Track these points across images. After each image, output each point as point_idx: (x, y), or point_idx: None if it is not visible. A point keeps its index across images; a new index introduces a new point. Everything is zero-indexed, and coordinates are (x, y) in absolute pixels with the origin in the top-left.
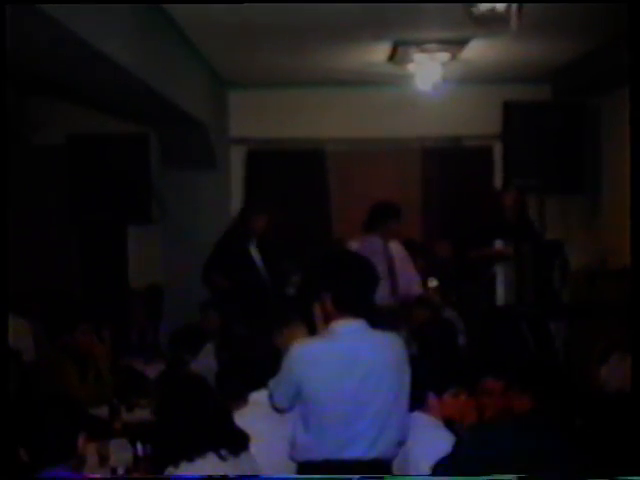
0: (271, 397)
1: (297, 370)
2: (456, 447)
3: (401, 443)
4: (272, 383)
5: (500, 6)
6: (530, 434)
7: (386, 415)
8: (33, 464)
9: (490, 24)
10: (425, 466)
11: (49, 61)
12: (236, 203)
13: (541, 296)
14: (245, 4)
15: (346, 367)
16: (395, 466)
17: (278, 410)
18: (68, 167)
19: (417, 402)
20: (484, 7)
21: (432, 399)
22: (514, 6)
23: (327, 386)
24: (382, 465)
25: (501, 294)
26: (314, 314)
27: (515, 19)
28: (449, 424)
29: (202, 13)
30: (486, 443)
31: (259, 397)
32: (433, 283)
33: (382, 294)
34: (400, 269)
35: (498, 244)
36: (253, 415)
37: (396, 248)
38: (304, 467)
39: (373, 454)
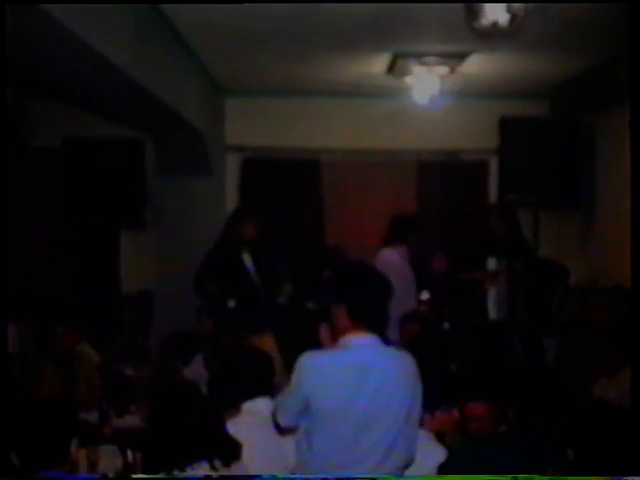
0: (275, 415)
1: (307, 382)
2: (448, 463)
3: (408, 465)
4: (278, 399)
5: (502, 20)
6: (517, 450)
7: (394, 435)
8: (25, 469)
9: (492, 38)
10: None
11: (48, 62)
12: (231, 210)
13: (533, 313)
14: (244, 11)
15: (358, 382)
16: None
17: (281, 430)
18: (63, 170)
19: None
20: (486, 21)
21: (425, 417)
22: (520, 13)
23: (337, 401)
24: None
25: (493, 309)
26: (320, 332)
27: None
28: (439, 438)
29: (202, 19)
30: (477, 459)
31: (252, 406)
32: (425, 296)
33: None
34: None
35: (491, 261)
36: (246, 424)
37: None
38: None
39: (377, 474)
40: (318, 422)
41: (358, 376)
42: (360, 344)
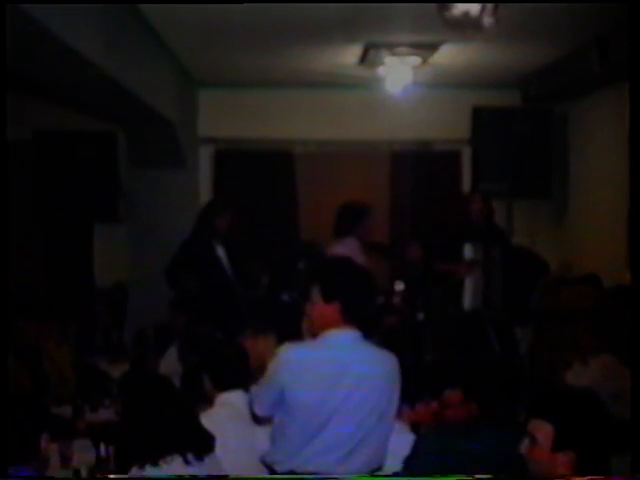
0: (252, 403)
1: (283, 374)
2: (413, 453)
3: (377, 469)
4: (254, 388)
5: (473, 10)
6: (486, 440)
7: (364, 434)
8: None
9: (463, 28)
10: (389, 471)
11: (18, 55)
12: (204, 202)
13: (509, 303)
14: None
15: (334, 378)
16: None
17: (257, 419)
18: (34, 163)
19: None
20: (457, 11)
21: (404, 409)
22: (488, 8)
23: (311, 394)
24: None
25: (468, 299)
26: (301, 323)
27: (489, 22)
28: (415, 428)
29: (173, 11)
30: (441, 448)
31: (227, 398)
32: (400, 286)
33: None
34: None
35: (467, 249)
36: (220, 416)
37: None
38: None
39: (341, 470)
40: (290, 413)
41: (335, 371)
42: (341, 339)
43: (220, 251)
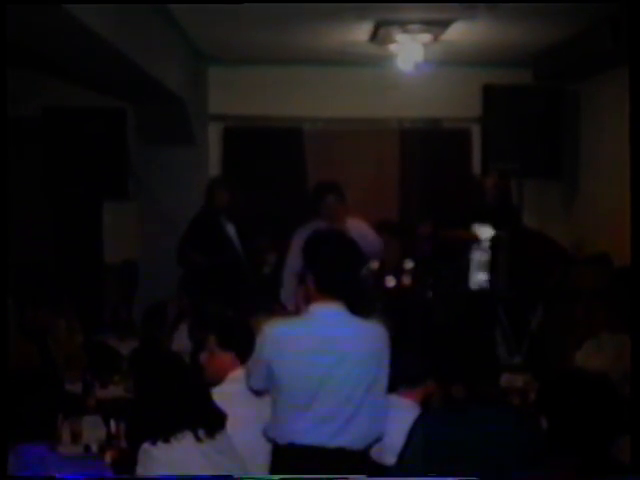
0: (246, 377)
1: (267, 350)
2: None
3: (378, 438)
4: (248, 363)
5: None
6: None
7: (355, 407)
8: (11, 441)
9: (474, 6)
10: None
11: (27, 31)
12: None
13: (518, 283)
14: None
15: (318, 352)
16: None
17: (254, 392)
18: (43, 140)
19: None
20: None
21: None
22: None
23: (295, 369)
24: (352, 454)
25: (474, 277)
26: (296, 296)
27: None
28: (426, 405)
29: None
30: (425, 441)
31: (236, 374)
32: (409, 265)
33: None
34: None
35: (477, 228)
36: (230, 393)
37: (351, 224)
38: (274, 448)
39: (337, 443)
40: (278, 388)
41: (318, 346)
42: (324, 313)
43: (230, 228)
